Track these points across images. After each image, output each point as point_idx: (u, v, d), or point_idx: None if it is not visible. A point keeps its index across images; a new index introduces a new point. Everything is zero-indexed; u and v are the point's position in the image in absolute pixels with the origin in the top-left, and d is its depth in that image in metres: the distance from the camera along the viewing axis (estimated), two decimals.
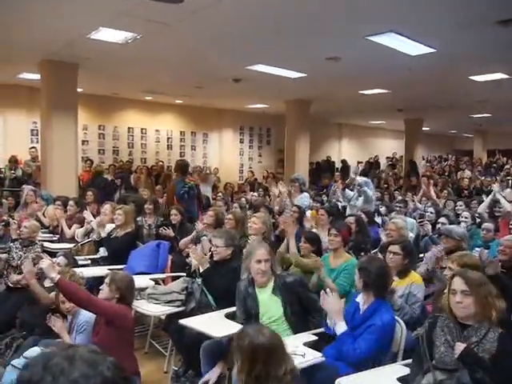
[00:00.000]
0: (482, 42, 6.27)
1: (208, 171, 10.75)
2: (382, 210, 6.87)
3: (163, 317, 3.73)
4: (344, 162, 16.06)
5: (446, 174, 14.92)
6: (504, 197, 7.18)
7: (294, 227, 4.44)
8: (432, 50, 6.64)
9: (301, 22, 5.69)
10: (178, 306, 3.51)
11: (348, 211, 6.63)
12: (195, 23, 5.71)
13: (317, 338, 2.96)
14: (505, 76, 8.33)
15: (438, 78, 8.68)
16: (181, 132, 14.23)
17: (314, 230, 5.01)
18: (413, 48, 6.56)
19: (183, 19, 5.52)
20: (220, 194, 9.06)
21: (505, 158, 18.13)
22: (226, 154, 15.11)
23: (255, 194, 8.59)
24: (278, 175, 13.11)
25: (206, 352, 3.09)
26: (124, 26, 5.98)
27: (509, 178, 12.59)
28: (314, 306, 3.13)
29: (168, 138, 13.99)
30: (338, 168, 15.80)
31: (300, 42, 6.53)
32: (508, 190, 8.53)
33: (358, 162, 15.28)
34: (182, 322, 3.07)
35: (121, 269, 4.17)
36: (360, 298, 2.94)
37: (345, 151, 18.60)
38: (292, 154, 11.91)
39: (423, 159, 17.15)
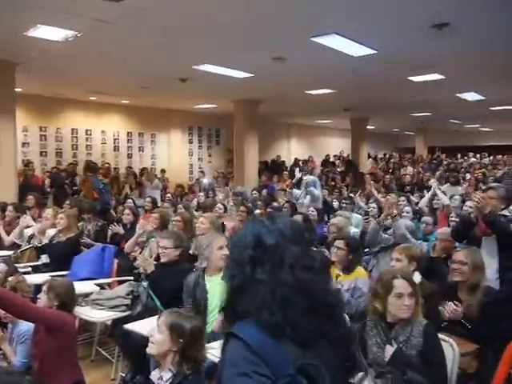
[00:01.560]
0: (418, 44, 6.53)
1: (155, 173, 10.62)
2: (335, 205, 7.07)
3: (109, 323, 3.63)
4: (296, 160, 16.29)
5: (391, 170, 15.48)
6: (443, 191, 7.56)
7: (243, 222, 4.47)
8: (373, 52, 6.85)
9: (246, 22, 5.71)
10: (124, 311, 3.43)
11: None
12: (138, 22, 5.59)
13: None
14: (441, 76, 8.74)
15: (380, 78, 8.97)
16: (128, 133, 13.91)
17: None
18: (356, 49, 6.74)
19: (125, 17, 5.39)
20: (169, 195, 8.94)
21: (444, 155, 19.08)
22: (174, 155, 14.94)
23: (202, 194, 8.54)
24: (228, 175, 13.15)
25: None
26: (63, 24, 5.76)
27: (448, 173, 13.20)
28: None
29: (115, 140, 13.63)
30: (287, 167, 15.99)
31: (246, 42, 6.55)
32: (446, 185, 8.97)
33: (303, 162, 15.52)
34: (127, 326, 3.01)
35: (64, 275, 4.03)
36: None
37: (294, 150, 18.89)
38: (241, 153, 11.95)
39: (369, 157, 17.70)
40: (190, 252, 4.26)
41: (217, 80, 8.94)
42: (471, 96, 11.25)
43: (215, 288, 3.06)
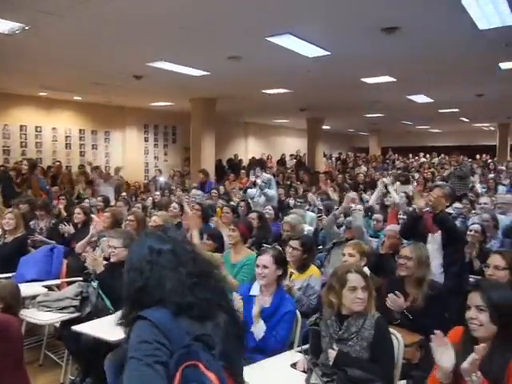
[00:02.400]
0: (370, 47, 6.72)
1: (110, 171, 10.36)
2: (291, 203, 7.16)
3: (57, 325, 3.52)
4: (252, 160, 16.36)
5: (347, 170, 15.84)
6: (395, 189, 7.81)
7: (197, 220, 4.44)
8: (327, 53, 6.98)
9: (202, 20, 5.68)
10: (73, 312, 3.34)
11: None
12: (87, 15, 5.43)
13: None
14: (392, 79, 9.03)
15: (334, 79, 9.17)
16: (80, 130, 13.50)
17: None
18: (310, 50, 6.85)
19: (74, 10, 5.23)
20: (123, 194, 8.76)
21: (396, 155, 19.72)
22: (130, 153, 14.65)
23: (158, 193, 8.43)
24: (185, 174, 13.04)
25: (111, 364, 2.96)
26: (9, 16, 5.52)
27: (399, 171, 13.62)
28: None
29: (66, 137, 13.20)
30: (244, 166, 16.03)
31: (202, 40, 6.51)
32: (397, 183, 9.27)
33: (256, 162, 15.58)
34: (76, 328, 2.93)
35: (9, 277, 3.87)
36: (256, 291, 3.01)
37: (251, 149, 18.97)
38: (198, 152, 11.87)
39: (324, 156, 18.04)
40: None
41: (173, 78, 8.85)
42: (421, 98, 11.70)
43: None
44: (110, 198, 7.68)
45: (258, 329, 2.79)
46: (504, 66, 7.91)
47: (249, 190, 6.96)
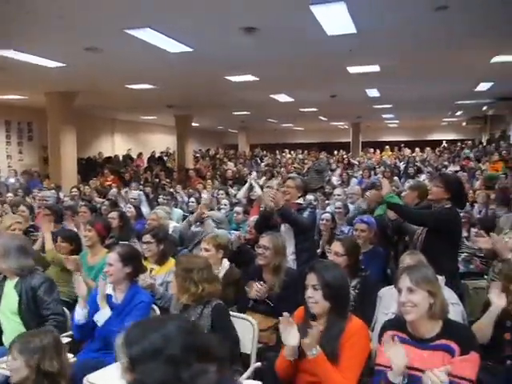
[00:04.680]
0: (230, 45, 6.88)
1: None
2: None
3: None
4: (116, 157, 15.75)
5: (217, 166, 16.10)
6: (261, 185, 8.16)
7: (47, 224, 4.13)
8: (189, 49, 6.98)
9: (54, 5, 5.25)
10: None
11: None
12: None
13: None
14: (255, 78, 9.38)
15: (198, 76, 9.19)
16: None
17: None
18: (171, 45, 6.77)
19: None
20: None
21: (264, 151, 20.62)
22: None
23: (10, 194, 7.66)
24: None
25: None
26: None
27: (267, 167, 14.26)
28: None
29: None
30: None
31: (56, 27, 6.02)
32: (263, 178, 9.73)
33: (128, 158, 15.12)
34: None
35: None
36: (111, 290, 2.92)
37: (119, 146, 18.20)
38: (56, 150, 11.00)
39: (194, 153, 18.10)
40: None
41: (25, 69, 8.07)
42: (282, 97, 12.35)
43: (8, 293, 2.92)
44: None
45: (102, 315, 2.75)
46: (351, 69, 8.74)
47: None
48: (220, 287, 2.82)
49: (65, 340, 2.65)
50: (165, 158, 17.56)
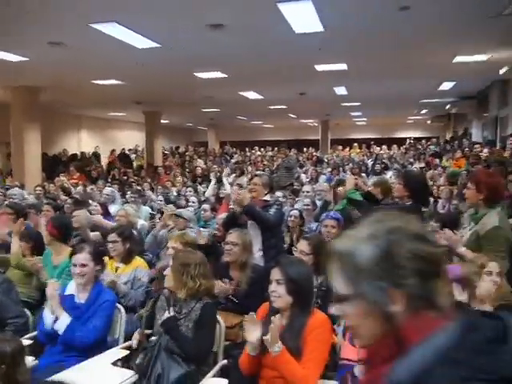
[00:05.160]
0: (198, 42, 6.83)
1: None
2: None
3: None
4: (83, 154, 15.43)
5: (186, 163, 15.97)
6: (230, 182, 8.17)
7: (19, 225, 4.00)
8: (157, 45, 6.90)
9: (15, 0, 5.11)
10: None
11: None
12: None
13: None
14: (223, 75, 9.36)
15: (167, 72, 9.10)
16: None
17: None
18: (139, 41, 6.69)
19: None
20: None
21: (234, 149, 20.59)
22: None
23: None
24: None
25: None
26: None
27: (237, 165, 14.27)
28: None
29: None
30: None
31: (17, 21, 5.85)
32: (233, 175, 9.73)
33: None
34: None
35: None
36: (72, 289, 2.87)
37: (86, 143, 17.81)
38: (20, 147, 10.68)
39: (164, 150, 17.91)
40: None
41: None
42: (252, 95, 12.38)
43: None
44: None
45: (61, 323, 2.70)
46: (319, 68, 8.83)
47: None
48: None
49: (26, 342, 2.59)
50: (133, 156, 17.30)
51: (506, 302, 2.52)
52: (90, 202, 6.09)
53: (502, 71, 8.95)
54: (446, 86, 11.56)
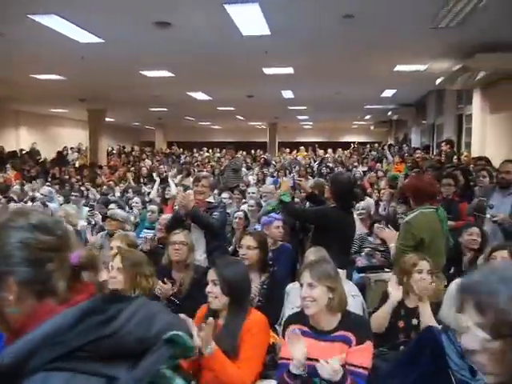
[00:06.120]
0: (143, 39, 6.69)
1: None
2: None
3: None
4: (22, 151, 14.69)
5: (131, 163, 15.61)
6: (176, 183, 8.07)
7: None
8: (100, 40, 6.69)
9: None
10: None
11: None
12: None
13: None
14: (170, 74, 9.22)
15: (111, 69, 8.83)
16: None
17: None
18: (81, 35, 6.45)
19: None
20: None
21: (181, 149, 20.35)
22: None
23: None
24: None
25: None
26: None
27: (184, 166, 14.09)
28: None
29: None
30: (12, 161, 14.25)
31: None
32: (179, 176, 9.63)
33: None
34: None
35: None
36: None
37: (24, 140, 16.95)
38: None
39: (112, 149, 17.43)
40: None
41: None
42: (199, 95, 12.28)
43: None
44: None
45: None
46: (266, 70, 8.91)
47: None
48: None
49: None
50: (75, 154, 16.66)
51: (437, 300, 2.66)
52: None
53: (438, 81, 9.42)
54: (388, 93, 12.03)
